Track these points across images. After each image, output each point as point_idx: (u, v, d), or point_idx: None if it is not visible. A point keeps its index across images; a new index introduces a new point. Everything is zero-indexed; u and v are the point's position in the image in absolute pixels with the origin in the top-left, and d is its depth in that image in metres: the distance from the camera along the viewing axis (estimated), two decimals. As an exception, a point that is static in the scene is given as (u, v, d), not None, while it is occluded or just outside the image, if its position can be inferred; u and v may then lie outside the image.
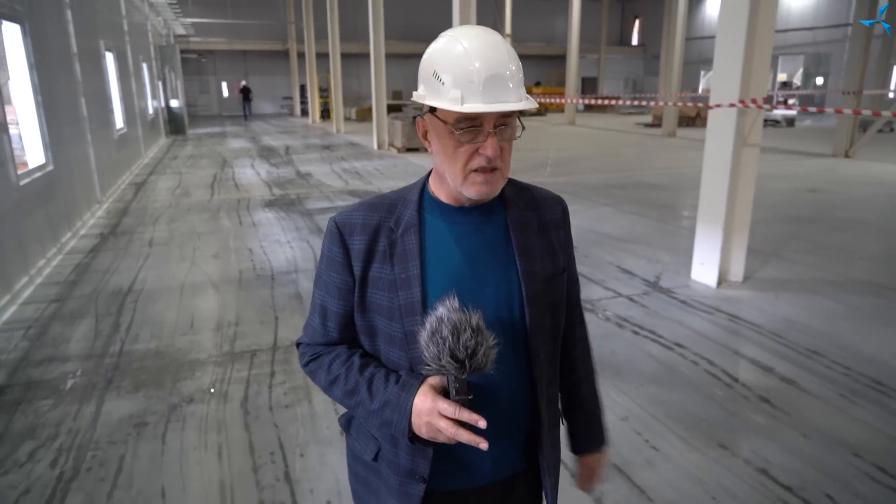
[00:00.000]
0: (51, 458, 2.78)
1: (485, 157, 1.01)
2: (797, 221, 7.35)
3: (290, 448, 2.86)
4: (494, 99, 0.98)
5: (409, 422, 1.02)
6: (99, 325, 4.34)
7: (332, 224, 1.14)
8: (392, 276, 1.09)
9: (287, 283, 5.22)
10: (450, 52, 1.01)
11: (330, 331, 1.17)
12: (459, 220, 1.11)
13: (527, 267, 1.11)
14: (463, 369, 0.96)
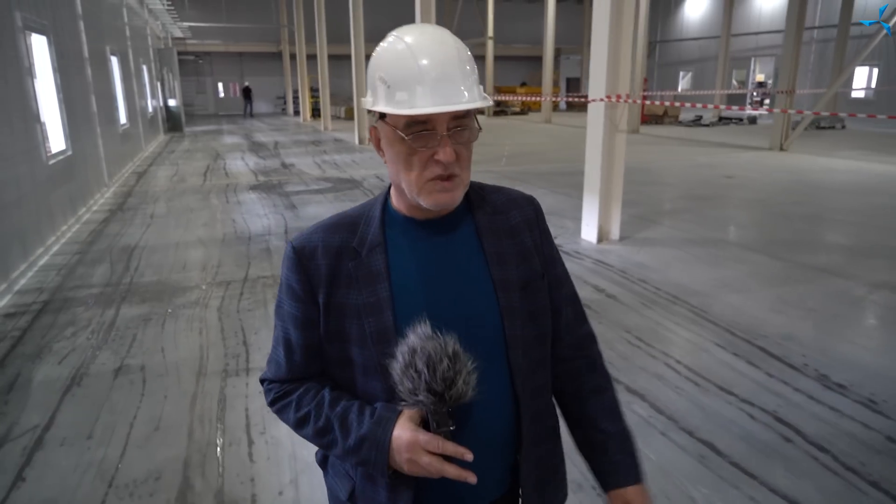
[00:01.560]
0: (86, 335, 4.14)
1: (441, 163, 0.94)
2: (697, 199, 8.72)
3: (248, 330, 4.23)
4: (445, 99, 0.91)
5: (387, 459, 0.95)
6: (113, 268, 5.70)
7: (290, 250, 1.05)
8: (359, 302, 1.01)
9: (261, 242, 6.58)
10: (394, 52, 0.94)
11: (295, 365, 1.08)
12: (425, 234, 1.04)
13: (500, 275, 1.05)
14: (443, 402, 0.90)
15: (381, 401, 1.01)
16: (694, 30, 35.93)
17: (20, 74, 5.99)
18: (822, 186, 9.73)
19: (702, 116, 25.26)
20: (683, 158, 13.43)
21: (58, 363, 3.74)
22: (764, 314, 4.42)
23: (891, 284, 5.03)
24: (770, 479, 2.59)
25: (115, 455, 2.79)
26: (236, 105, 35.20)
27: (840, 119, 22.26)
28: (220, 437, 2.93)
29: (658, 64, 38.68)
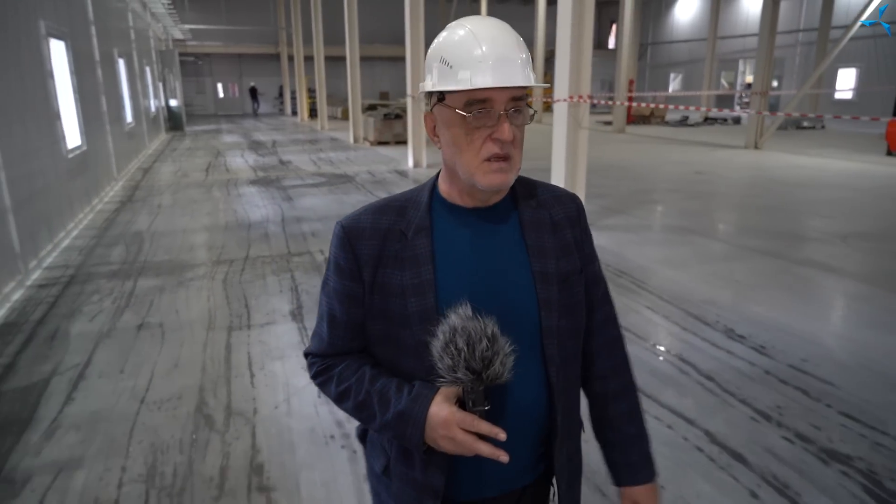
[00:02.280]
0: (111, 300, 4.84)
1: (498, 141, 0.97)
2: (663, 192, 9.43)
3: (249, 296, 4.92)
4: (505, 77, 0.96)
5: (423, 434, 0.99)
6: (128, 249, 6.40)
7: (339, 229, 1.09)
8: (403, 282, 1.04)
9: (259, 228, 7.28)
10: (457, 36, 0.99)
11: (339, 340, 1.12)
12: (471, 221, 1.07)
13: (540, 268, 1.07)
14: (480, 381, 0.93)
15: (418, 378, 1.03)
16: (684, 32, 36.70)
17: (43, 77, 6.68)
18: (783, 181, 10.45)
19: (688, 117, 26.01)
20: (661, 156, 14.15)
21: (89, 321, 4.43)
22: (695, 285, 5.13)
23: (811, 262, 5.74)
24: (661, 398, 3.29)
25: (143, 384, 3.49)
26: (235, 105, 35.91)
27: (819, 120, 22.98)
28: (227, 372, 3.63)
29: (649, 66, 39.43)
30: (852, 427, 3.00)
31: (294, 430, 3.01)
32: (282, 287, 5.14)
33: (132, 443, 2.91)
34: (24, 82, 5.93)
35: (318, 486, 2.59)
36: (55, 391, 3.41)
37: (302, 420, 3.10)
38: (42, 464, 2.75)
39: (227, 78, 35.72)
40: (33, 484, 2.61)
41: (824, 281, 5.22)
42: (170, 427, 3.05)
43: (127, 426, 3.05)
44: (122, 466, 2.73)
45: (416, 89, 12.01)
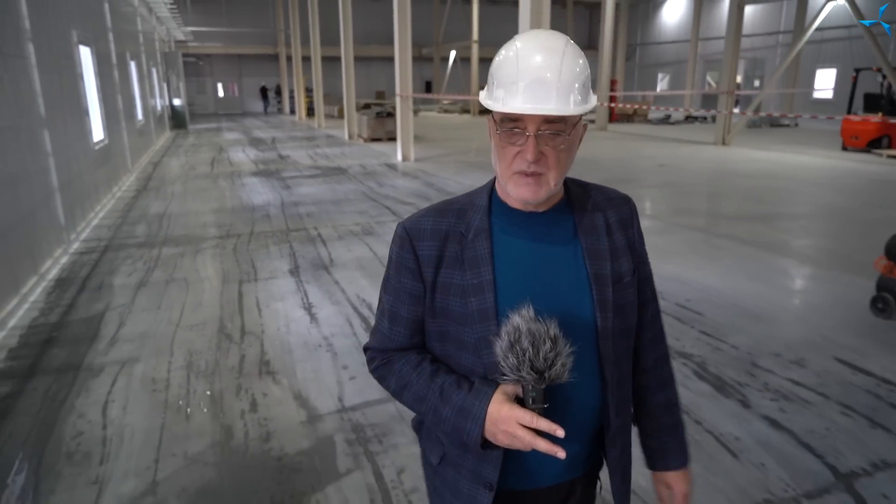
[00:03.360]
0: (142, 263, 5.90)
1: (524, 160, 1.01)
2: (621, 181, 10.50)
3: (255, 260, 5.99)
4: (536, 101, 0.98)
5: (482, 429, 1.03)
6: (150, 227, 7.47)
7: (402, 230, 1.15)
8: (464, 282, 1.09)
9: (262, 211, 8.34)
10: (505, 53, 1.02)
11: (399, 336, 1.17)
12: (528, 224, 1.11)
13: (596, 270, 1.11)
14: (542, 380, 0.97)
15: (476, 374, 1.08)
16: (671, 33, 37.79)
17: (75, 79, 7.74)
18: (736, 173, 11.53)
19: (670, 115, 27.08)
20: (633, 151, 15.23)
21: (127, 276, 5.50)
22: (623, 251, 6.20)
23: (728, 235, 6.82)
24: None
25: (176, 316, 4.56)
26: (235, 104, 36.97)
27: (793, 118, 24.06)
28: (240, 308, 4.70)
29: (638, 66, 40.51)
30: (702, 339, 4.08)
31: (292, 342, 4.08)
32: (282, 254, 6.21)
33: (174, 349, 3.98)
34: (62, 83, 6.99)
35: (308, 372, 3.66)
36: (110, 320, 4.48)
37: (297, 336, 4.18)
38: (110, 360, 3.82)
39: (227, 78, 36.77)
40: (107, 371, 3.68)
41: (731, 248, 6.30)
42: (200, 340, 4.12)
43: (168, 340, 4.13)
44: (168, 361, 3.80)
45: (404, 89, 13.08)
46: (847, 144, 14.79)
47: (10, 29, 5.28)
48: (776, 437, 2.97)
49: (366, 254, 6.15)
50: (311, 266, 5.78)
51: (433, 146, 16.60)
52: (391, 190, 9.77)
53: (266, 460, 2.81)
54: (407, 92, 13.02)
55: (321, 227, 7.36)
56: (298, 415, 3.19)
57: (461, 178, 10.62)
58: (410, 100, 13.22)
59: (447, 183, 10.27)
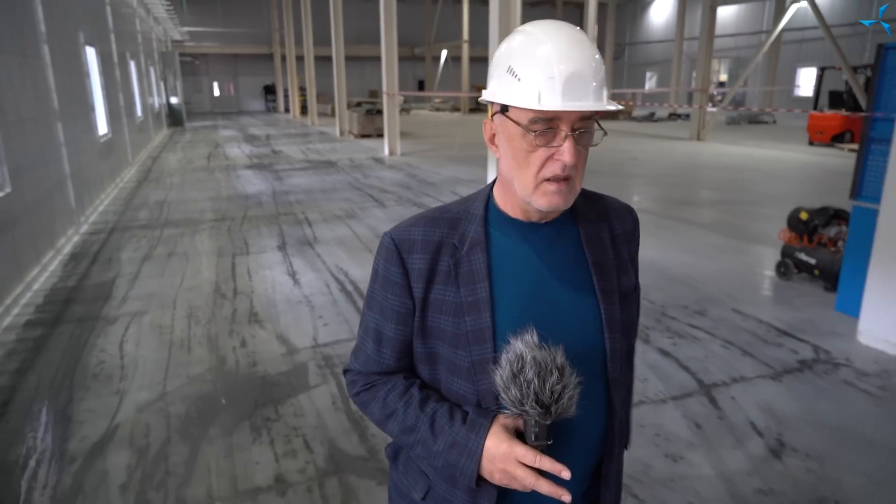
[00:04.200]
0: (146, 241, 6.61)
1: (560, 163, 0.91)
2: (592, 173, 11.21)
3: (247, 238, 6.70)
4: (575, 98, 0.88)
5: (478, 466, 0.93)
6: (151, 212, 8.17)
7: (389, 240, 1.03)
8: (458, 299, 0.98)
9: (255, 198, 9.05)
10: (529, 47, 0.91)
11: (385, 358, 1.06)
12: (529, 236, 1.01)
13: (604, 286, 1.02)
14: (548, 415, 0.87)
15: (467, 401, 0.99)
16: (659, 33, 38.58)
17: (82, 77, 8.43)
18: (702, 165, 12.28)
19: (654, 113, 27.85)
20: (611, 146, 15.97)
21: (133, 251, 6.21)
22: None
23: (677, 217, 7.55)
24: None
25: (178, 281, 5.27)
26: (231, 103, 37.62)
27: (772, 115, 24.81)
28: (233, 274, 5.41)
29: (627, 65, 41.30)
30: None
31: (277, 299, 4.80)
32: (271, 233, 6.93)
33: (176, 304, 4.70)
34: (71, 81, 7.68)
35: (290, 320, 4.38)
36: (120, 285, 5.19)
37: (282, 295, 4.89)
38: (123, 313, 4.53)
39: (222, 77, 37.43)
40: (121, 320, 4.39)
41: (674, 228, 7.03)
42: (199, 298, 4.83)
43: (171, 298, 4.84)
44: (172, 313, 4.51)
45: (390, 87, 13.79)
46: (813, 139, 15.56)
47: (29, 33, 5.97)
48: (663, 361, 3.70)
49: (346, 233, 6.87)
50: (296, 243, 6.50)
51: (420, 142, 17.31)
52: (376, 181, 10.48)
53: (252, 378, 3.53)
54: (393, 90, 13.73)
55: (308, 211, 8.07)
56: (279, 349, 3.91)
57: (442, 171, 11.34)
58: (396, 97, 13.92)
59: (428, 174, 11.00)
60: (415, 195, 9.07)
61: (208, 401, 3.28)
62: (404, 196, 9.03)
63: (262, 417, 3.11)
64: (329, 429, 2.99)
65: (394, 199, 8.80)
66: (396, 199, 8.79)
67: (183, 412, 3.17)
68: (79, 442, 2.90)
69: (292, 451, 2.83)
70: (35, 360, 3.77)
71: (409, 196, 9.02)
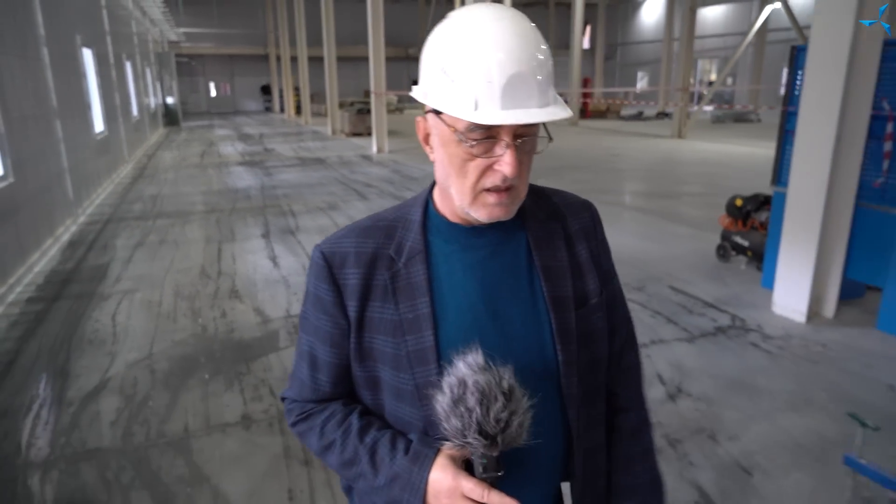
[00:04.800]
0: (139, 230, 7.07)
1: (500, 174, 0.83)
2: (570, 168, 11.70)
3: (234, 227, 7.16)
4: (517, 104, 0.78)
5: (422, 502, 0.85)
6: (145, 204, 8.63)
7: (318, 255, 0.94)
8: (396, 317, 0.90)
9: (244, 192, 9.52)
10: (464, 42, 0.79)
11: (321, 384, 0.98)
12: (472, 242, 0.92)
13: (554, 292, 0.93)
14: (494, 446, 0.79)
15: (414, 428, 0.91)
16: (650, 33, 39.09)
17: (79, 77, 8.88)
18: (678, 161, 12.75)
19: (642, 112, 28.33)
20: (594, 143, 16.45)
21: (127, 239, 6.67)
22: (544, 220, 7.41)
23: (637, 207, 8.03)
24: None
25: (167, 264, 5.73)
26: (228, 103, 38.05)
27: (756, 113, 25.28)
28: (219, 258, 5.87)
29: (619, 64, 41.80)
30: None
31: (257, 279, 5.27)
32: (256, 223, 7.39)
33: (165, 284, 5.16)
34: (69, 81, 8.13)
35: (266, 296, 4.84)
36: (115, 267, 5.65)
37: (262, 275, 5.36)
38: (116, 291, 5.00)
39: (218, 77, 37.86)
40: (114, 297, 4.85)
41: (635, 217, 7.51)
42: (186, 279, 5.30)
43: (161, 279, 5.30)
44: (160, 291, 4.98)
45: (378, 87, 14.26)
46: (789, 136, 16.03)
47: (30, 36, 6.43)
48: (595, 328, 4.16)
49: (327, 223, 7.34)
50: (280, 231, 6.96)
51: (409, 140, 17.77)
52: (361, 176, 10.95)
53: (228, 342, 4.00)
54: (380, 90, 14.20)
55: (293, 204, 8.54)
56: (255, 319, 4.38)
57: (426, 167, 11.79)
58: (384, 97, 14.39)
59: (412, 170, 11.46)
60: (397, 189, 9.54)
61: (189, 360, 3.75)
62: (386, 190, 9.50)
63: (235, 372, 3.58)
64: (292, 380, 3.46)
65: (376, 193, 9.27)
66: (378, 193, 9.26)
67: (166, 368, 3.64)
68: (76, 391, 3.37)
69: (259, 396, 3.30)
70: (36, 329, 4.23)
71: (391, 190, 9.49)
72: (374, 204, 8.39)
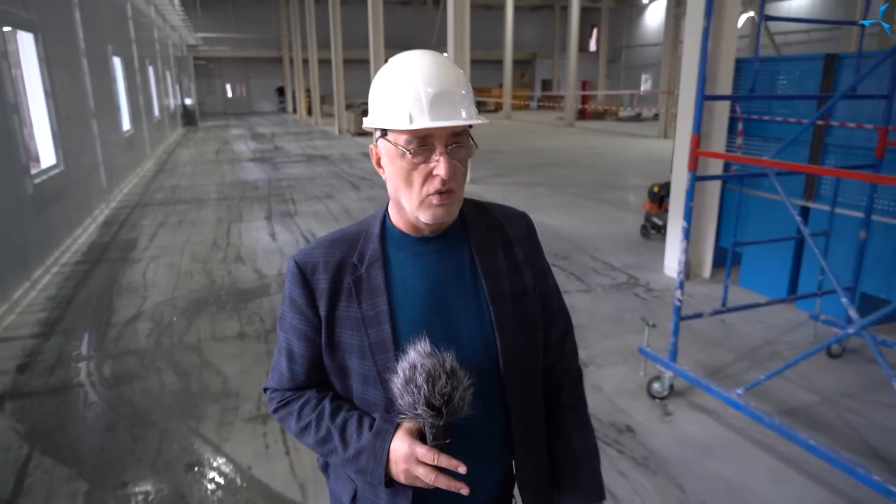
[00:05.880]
0: (162, 213, 8.34)
1: (439, 178, 0.99)
2: (548, 164, 12.82)
3: (242, 211, 8.40)
4: (443, 116, 0.98)
5: (385, 468, 1.02)
6: (166, 193, 9.92)
7: (293, 265, 1.11)
8: (360, 314, 1.07)
9: (253, 184, 10.77)
10: (397, 74, 1.01)
11: (297, 374, 1.15)
12: (422, 250, 1.10)
13: (494, 289, 1.10)
14: (440, 416, 0.96)
15: (379, 409, 1.07)
16: (654, 36, 39.92)
17: (110, 82, 10.19)
18: (654, 159, 13.80)
19: (640, 113, 29.26)
20: (582, 142, 17.54)
21: (151, 220, 7.93)
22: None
23: (595, 198, 9.14)
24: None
25: (185, 238, 6.97)
26: (243, 104, 39.57)
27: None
28: (228, 234, 7.10)
29: (624, 67, 42.68)
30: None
31: (258, 249, 6.48)
32: (261, 208, 8.62)
33: (183, 252, 6.39)
34: (102, 86, 9.43)
35: (264, 261, 6.04)
36: (142, 240, 6.90)
37: (262, 247, 6.57)
38: (144, 257, 6.24)
39: (234, 80, 39.40)
40: (143, 261, 6.09)
41: (588, 205, 8.63)
42: (200, 248, 6.53)
43: (180, 248, 6.54)
44: (180, 257, 6.21)
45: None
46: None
47: (73, 49, 7.71)
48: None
49: (321, 208, 8.55)
50: (280, 215, 8.19)
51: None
52: (359, 171, 12.16)
53: (232, 290, 5.21)
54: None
55: (295, 193, 9.77)
56: (254, 276, 5.59)
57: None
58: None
59: (406, 166, 12.63)
60: (387, 182, 10.72)
61: (201, 301, 4.96)
62: (379, 183, 10.68)
63: (235, 308, 4.79)
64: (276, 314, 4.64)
65: (368, 185, 10.47)
66: (370, 185, 10.46)
67: (185, 305, 4.86)
68: (118, 318, 4.60)
69: (251, 321, 4.51)
70: (86, 281, 5.48)
71: (382, 183, 10.61)
72: (365, 194, 9.59)
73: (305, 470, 2.79)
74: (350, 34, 29.05)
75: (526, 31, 40.99)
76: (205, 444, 3.00)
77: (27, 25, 5.88)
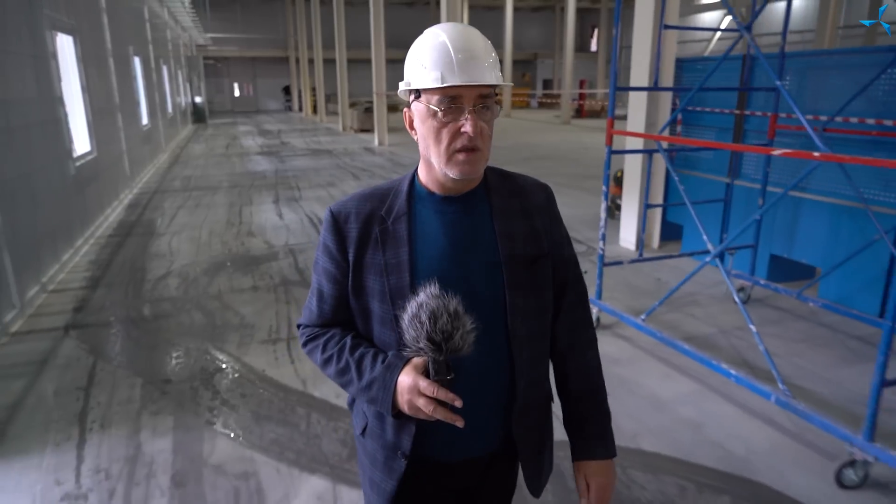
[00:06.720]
0: (180, 198, 9.23)
1: (466, 135, 1.08)
2: (537, 158, 13.65)
3: (252, 196, 9.28)
4: (472, 77, 1.07)
5: (392, 398, 1.11)
6: (183, 181, 10.82)
7: (328, 213, 1.23)
8: (383, 262, 1.17)
9: (261, 174, 11.66)
10: (431, 41, 1.10)
11: (326, 313, 1.27)
12: (446, 208, 1.19)
13: (508, 251, 1.18)
14: (440, 351, 1.03)
15: (393, 349, 1.17)
16: (653, 36, 40.56)
17: (131, 80, 11.09)
18: (637, 153, 14.59)
19: (637, 112, 29.99)
20: (574, 139, 18.35)
21: (171, 203, 8.83)
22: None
23: (574, 186, 9.96)
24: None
25: (202, 217, 7.85)
26: (251, 103, 40.55)
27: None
28: (239, 215, 7.98)
29: (623, 67, 43.26)
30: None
31: (267, 226, 7.36)
32: (269, 194, 9.50)
33: (202, 228, 7.27)
34: (125, 83, 10.34)
35: (273, 235, 6.91)
36: (164, 220, 7.79)
37: (271, 224, 7.45)
38: (168, 232, 7.13)
39: (242, 79, 40.39)
40: (167, 235, 6.98)
41: (566, 192, 9.46)
42: (217, 226, 7.41)
43: (199, 225, 7.42)
44: (199, 232, 7.09)
45: (379, 87, 16.34)
46: (750, 133, 17.72)
47: (102, 51, 8.61)
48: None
49: (324, 194, 9.42)
50: (286, 199, 9.06)
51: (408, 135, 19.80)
52: (360, 163, 13.03)
53: (245, 256, 6.08)
54: (381, 90, 16.28)
55: (300, 182, 10.65)
56: (264, 246, 6.46)
57: (417, 156, 13.77)
58: (384, 96, 16.47)
59: (404, 159, 13.51)
60: (386, 173, 11.59)
61: (220, 264, 5.84)
62: (378, 173, 11.56)
63: (248, 269, 5.66)
64: (284, 273, 5.54)
65: (368, 175, 11.34)
66: (370, 175, 11.33)
67: (206, 267, 5.74)
68: (151, 276, 5.48)
69: (262, 278, 5.38)
70: (119, 250, 6.37)
71: (381, 173, 11.54)
72: (363, 182, 10.46)
73: (306, 372, 3.65)
74: (355, 35, 29.95)
75: (527, 32, 41.75)
76: (229, 357, 3.87)
77: (69, 29, 6.77)
